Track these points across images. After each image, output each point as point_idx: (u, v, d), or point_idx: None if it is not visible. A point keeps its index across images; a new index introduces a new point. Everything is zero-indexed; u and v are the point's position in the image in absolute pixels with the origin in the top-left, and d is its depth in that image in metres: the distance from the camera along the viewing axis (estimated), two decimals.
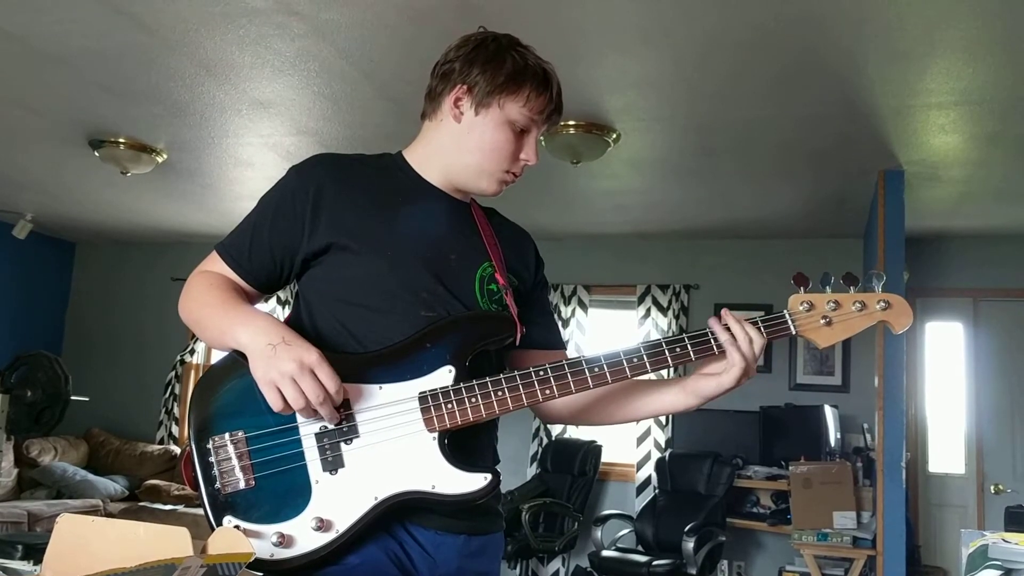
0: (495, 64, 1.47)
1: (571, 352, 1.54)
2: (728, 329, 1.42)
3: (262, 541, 1.32)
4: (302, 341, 1.34)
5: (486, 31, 1.54)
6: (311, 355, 1.31)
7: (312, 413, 1.33)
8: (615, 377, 1.41)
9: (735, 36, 3.18)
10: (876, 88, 3.54)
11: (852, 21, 3.01)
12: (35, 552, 3.65)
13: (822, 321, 1.44)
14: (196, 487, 1.38)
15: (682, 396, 1.51)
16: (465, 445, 1.41)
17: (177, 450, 7.11)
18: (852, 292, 1.44)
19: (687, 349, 1.43)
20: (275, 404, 1.32)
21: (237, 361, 1.39)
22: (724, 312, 1.44)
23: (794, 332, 1.44)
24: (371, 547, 1.37)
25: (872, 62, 3.32)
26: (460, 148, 1.51)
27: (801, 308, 1.44)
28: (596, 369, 1.41)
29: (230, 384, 1.41)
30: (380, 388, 1.39)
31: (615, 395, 1.57)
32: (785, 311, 1.45)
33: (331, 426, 1.37)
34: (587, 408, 1.60)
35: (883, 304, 1.43)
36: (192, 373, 7.55)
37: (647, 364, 1.42)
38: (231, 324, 1.39)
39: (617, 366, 1.42)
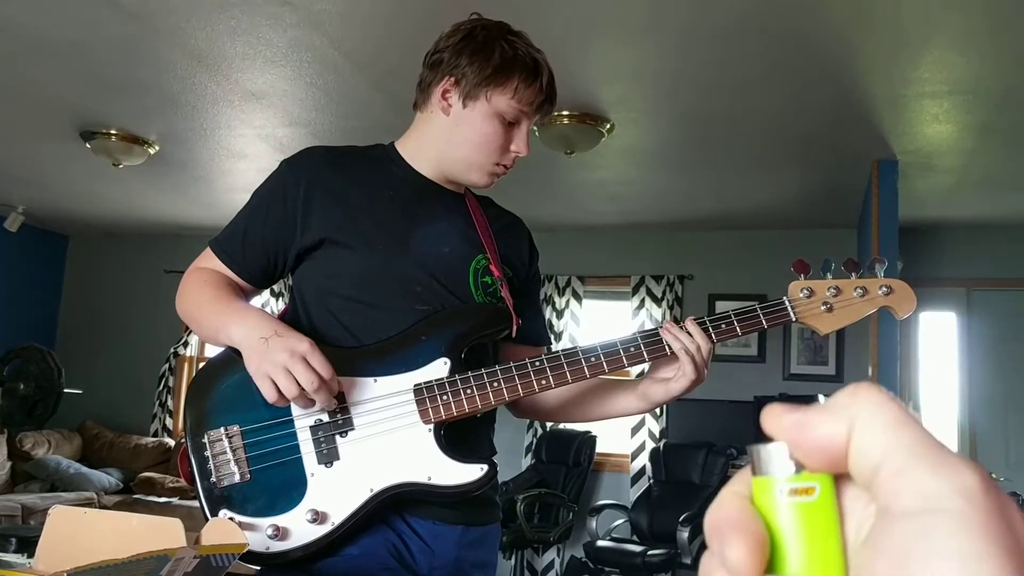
0: (483, 55, 1.45)
1: (565, 344, 1.54)
2: (678, 337, 1.41)
3: (257, 534, 1.32)
4: (293, 332, 1.34)
5: (478, 19, 1.52)
6: (302, 344, 1.31)
7: (307, 402, 1.33)
8: (612, 367, 1.41)
9: (729, 27, 3.18)
10: (870, 78, 3.54)
11: (846, 11, 3.01)
12: (29, 545, 3.65)
13: (823, 307, 1.41)
14: (192, 482, 1.38)
15: (635, 400, 1.52)
16: (461, 436, 1.41)
17: (171, 443, 7.09)
18: (854, 278, 1.42)
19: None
20: (269, 395, 1.31)
21: (232, 357, 1.39)
22: (668, 323, 1.43)
23: (794, 319, 1.42)
24: (369, 538, 1.38)
25: (866, 52, 3.32)
26: (449, 141, 1.50)
27: (801, 295, 1.41)
28: (592, 359, 1.41)
29: (225, 379, 1.41)
30: (375, 381, 1.38)
31: (577, 396, 1.58)
32: (784, 297, 1.43)
33: (326, 419, 1.37)
34: (554, 407, 1.61)
35: (885, 289, 1.41)
36: (185, 366, 7.53)
37: (644, 353, 1.42)
38: (224, 322, 1.39)
39: (614, 355, 1.41)
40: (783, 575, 0.29)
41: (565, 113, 4.08)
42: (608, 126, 4.21)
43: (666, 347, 1.42)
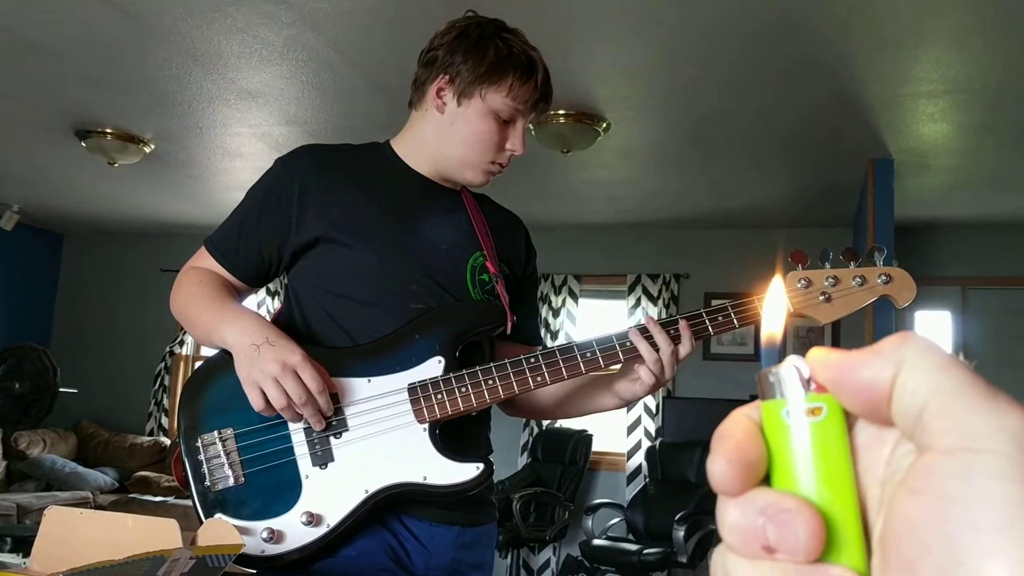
0: (477, 53, 1.44)
1: (562, 343, 1.52)
2: (641, 340, 1.37)
3: (252, 538, 1.31)
4: (286, 341, 1.33)
5: (473, 16, 1.51)
6: (294, 356, 1.30)
7: (295, 415, 1.32)
8: (608, 362, 1.40)
9: (725, 26, 3.17)
10: (866, 77, 3.54)
11: (841, 10, 3.01)
12: (25, 545, 3.64)
13: (821, 297, 1.37)
14: (186, 485, 1.37)
15: (610, 397, 1.50)
16: (457, 435, 1.40)
17: (167, 442, 7.08)
18: (852, 267, 1.38)
19: (679, 330, 1.41)
20: (256, 404, 1.31)
21: (226, 359, 1.39)
22: (649, 319, 1.40)
23: (791, 309, 1.39)
24: (366, 539, 1.37)
25: (861, 51, 3.32)
26: (444, 139, 1.49)
27: (799, 285, 1.38)
28: (588, 355, 1.39)
29: (219, 382, 1.40)
30: (369, 381, 1.38)
31: (571, 393, 1.57)
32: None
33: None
34: (548, 405, 1.60)
35: (884, 278, 1.37)
36: (181, 365, 7.52)
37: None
38: (218, 323, 1.39)
39: (610, 351, 1.40)
40: (796, 491, 0.29)
41: (561, 112, 4.08)
42: (604, 125, 4.20)
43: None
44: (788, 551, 0.28)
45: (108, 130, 4.75)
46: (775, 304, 0.34)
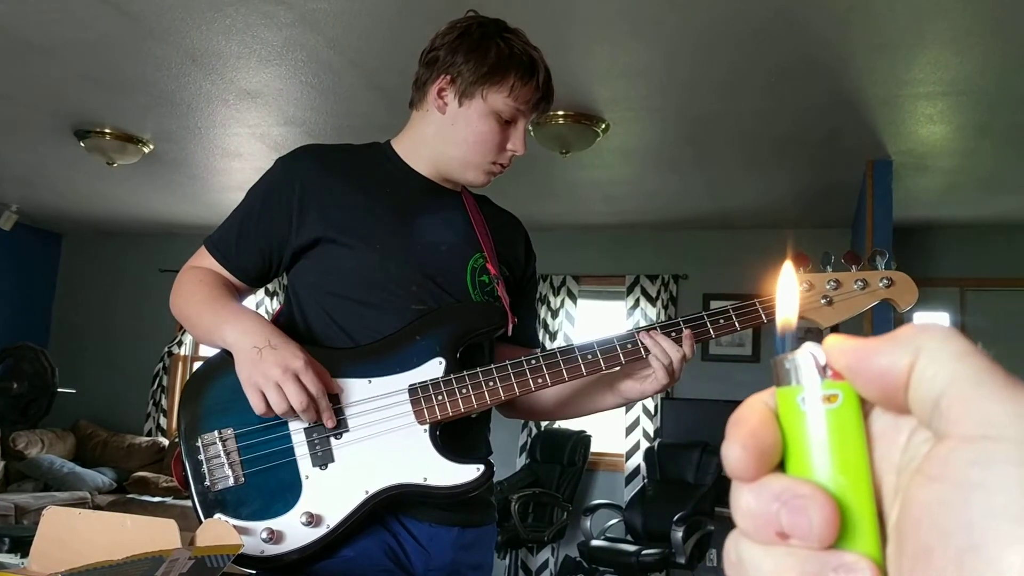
0: (479, 53, 1.44)
1: (560, 344, 1.52)
2: (656, 342, 1.39)
3: (252, 538, 1.31)
4: (288, 344, 1.33)
5: (474, 16, 1.51)
6: (296, 360, 1.30)
7: (295, 417, 1.32)
8: (609, 364, 1.40)
9: (724, 27, 3.18)
10: (865, 78, 3.54)
11: (840, 11, 3.01)
12: (23, 545, 3.63)
13: (823, 301, 1.38)
14: (186, 486, 1.37)
15: (611, 396, 1.51)
16: (457, 437, 1.40)
17: (165, 442, 7.07)
18: (854, 271, 1.39)
19: (681, 332, 1.41)
20: (257, 407, 1.31)
21: (226, 359, 1.39)
22: (641, 334, 1.41)
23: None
24: (365, 540, 1.37)
25: (860, 53, 3.32)
26: (445, 140, 1.48)
27: (800, 288, 1.38)
28: (589, 356, 1.39)
29: (219, 382, 1.40)
30: (370, 382, 1.38)
31: (570, 394, 1.57)
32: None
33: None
34: (548, 407, 1.59)
35: (886, 281, 1.38)
36: (180, 365, 7.51)
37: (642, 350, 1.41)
38: (218, 323, 1.38)
39: (611, 352, 1.40)
40: (810, 478, 0.29)
41: (560, 113, 4.08)
42: (603, 126, 4.21)
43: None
44: (802, 537, 0.28)
45: (107, 130, 4.75)
46: (788, 290, 0.34)
